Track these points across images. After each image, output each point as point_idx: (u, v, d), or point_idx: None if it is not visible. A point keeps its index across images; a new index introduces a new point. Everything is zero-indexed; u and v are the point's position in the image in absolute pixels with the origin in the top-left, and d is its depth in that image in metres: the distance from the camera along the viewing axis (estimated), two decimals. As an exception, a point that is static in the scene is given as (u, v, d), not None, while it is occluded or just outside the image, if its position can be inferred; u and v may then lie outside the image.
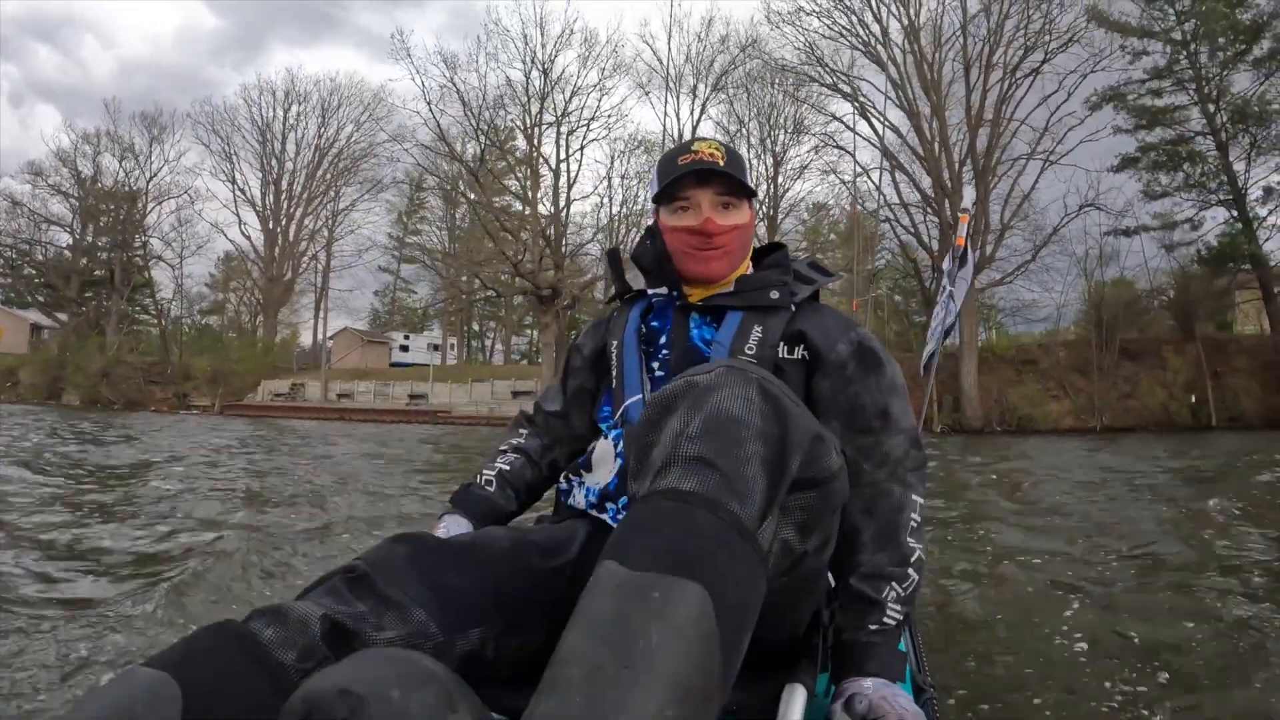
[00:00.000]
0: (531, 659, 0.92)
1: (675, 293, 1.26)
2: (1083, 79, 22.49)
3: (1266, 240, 22.14)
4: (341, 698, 0.60)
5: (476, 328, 48.47)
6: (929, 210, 22.63)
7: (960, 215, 4.11)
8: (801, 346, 1.18)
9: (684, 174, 1.20)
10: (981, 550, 3.80)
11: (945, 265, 3.96)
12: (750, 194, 1.25)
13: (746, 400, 0.77)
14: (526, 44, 27.38)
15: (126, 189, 37.23)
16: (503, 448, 1.42)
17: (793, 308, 1.21)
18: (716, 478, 0.72)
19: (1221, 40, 22.11)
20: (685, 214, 1.23)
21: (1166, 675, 2.05)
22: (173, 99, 71.48)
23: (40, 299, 39.06)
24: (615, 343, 1.28)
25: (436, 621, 0.85)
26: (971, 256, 3.95)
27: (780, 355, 1.17)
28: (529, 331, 47.11)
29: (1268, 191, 22.16)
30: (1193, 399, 20.40)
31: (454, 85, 24.53)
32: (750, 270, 1.29)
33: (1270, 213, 22.21)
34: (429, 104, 24.48)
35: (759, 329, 1.17)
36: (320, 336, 39.87)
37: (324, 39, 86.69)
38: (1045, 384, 21.02)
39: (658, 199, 1.27)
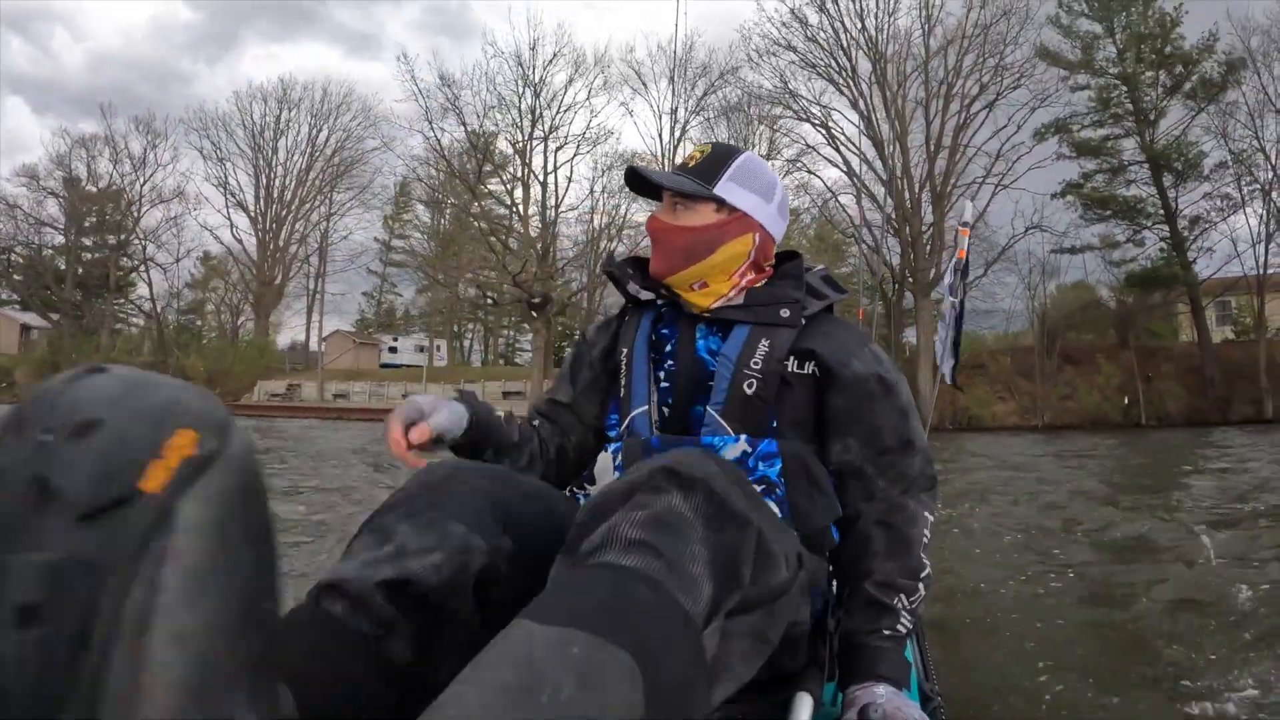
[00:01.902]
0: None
1: (676, 298, 1.24)
2: (1031, 112, 24.90)
3: (1195, 259, 24.71)
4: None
5: (454, 329, 49.73)
6: (890, 231, 24.93)
7: (960, 229, 4.03)
8: (812, 363, 1.17)
9: (635, 179, 1.25)
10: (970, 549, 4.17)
11: (947, 279, 3.87)
12: (706, 197, 1.21)
13: (692, 507, 0.75)
14: (520, 65, 28.95)
15: (119, 189, 37.98)
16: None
17: (803, 322, 1.19)
18: (660, 564, 0.66)
19: (1151, 74, 24.61)
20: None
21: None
22: (144, 92, 69.84)
23: (35, 299, 39.64)
24: (626, 350, 1.26)
25: (477, 531, 0.83)
26: (957, 272, 3.87)
27: (788, 370, 1.16)
28: (505, 332, 48.75)
29: (1194, 221, 24.69)
30: (1125, 400, 22.69)
31: (457, 108, 26.17)
32: (765, 279, 1.27)
33: (1197, 236, 24.79)
34: (429, 122, 26.11)
35: (766, 343, 1.16)
36: (317, 338, 40.88)
37: (299, 33, 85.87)
38: (993, 386, 23.21)
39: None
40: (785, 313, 1.19)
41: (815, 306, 1.21)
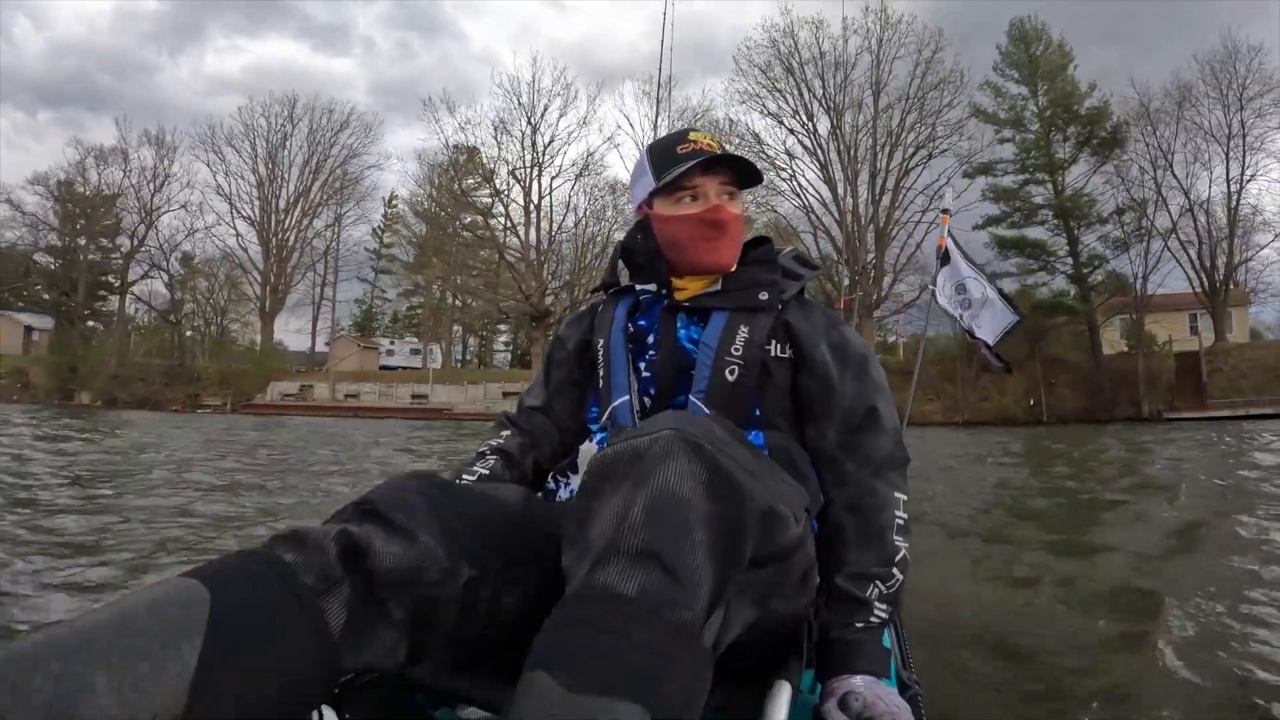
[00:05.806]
0: (517, 622, 0.85)
1: (664, 291, 1.26)
2: (960, 165, 30.05)
3: (1093, 287, 29.74)
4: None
5: (450, 332, 52.83)
6: (841, 262, 29.66)
7: (942, 216, 4.09)
8: (789, 345, 1.19)
9: (694, 161, 1.18)
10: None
11: (940, 278, 3.92)
12: (751, 184, 1.25)
13: (693, 477, 0.75)
14: (520, 103, 32.98)
15: (117, 194, 39.88)
16: (482, 450, 1.34)
17: (779, 305, 1.21)
18: (659, 576, 0.69)
19: (1059, 136, 29.70)
20: (693, 203, 1.22)
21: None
22: (104, 82, 69.09)
23: (28, 301, 41.52)
24: (602, 341, 1.27)
25: (443, 548, 0.82)
26: (957, 254, 3.89)
27: (769, 355, 1.17)
28: (491, 336, 52.46)
29: (1091, 259, 29.78)
30: (1031, 402, 27.51)
31: (479, 163, 30.15)
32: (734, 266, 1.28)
33: (1092, 271, 29.90)
34: (449, 152, 30.05)
35: (745, 329, 1.17)
36: (327, 340, 43.28)
37: (266, 26, 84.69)
38: (922, 389, 27.88)
39: (659, 189, 1.22)
40: (764, 295, 1.21)
41: (793, 288, 1.25)
